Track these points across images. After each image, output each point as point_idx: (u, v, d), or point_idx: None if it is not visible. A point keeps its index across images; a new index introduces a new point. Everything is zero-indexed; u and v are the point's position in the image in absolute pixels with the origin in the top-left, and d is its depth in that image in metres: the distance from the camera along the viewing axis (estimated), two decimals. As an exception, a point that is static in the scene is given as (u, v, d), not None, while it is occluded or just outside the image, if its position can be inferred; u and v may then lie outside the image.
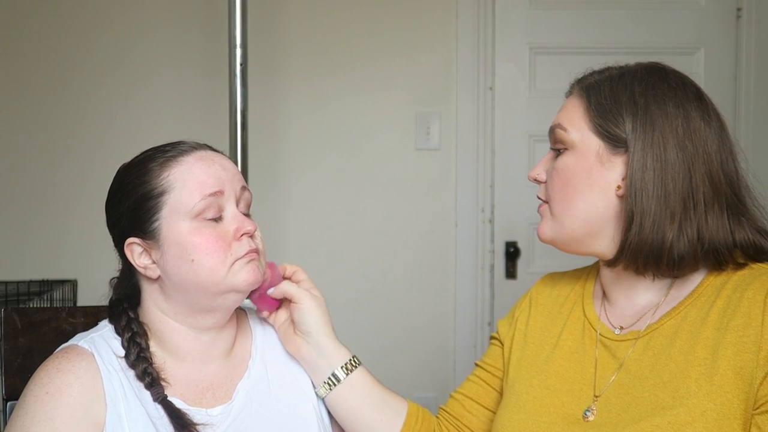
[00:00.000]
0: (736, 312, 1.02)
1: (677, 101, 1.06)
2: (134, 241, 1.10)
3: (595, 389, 1.09)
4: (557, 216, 1.12)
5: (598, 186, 1.08)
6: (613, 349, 1.10)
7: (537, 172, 1.18)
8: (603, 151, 1.08)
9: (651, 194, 1.04)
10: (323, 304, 1.20)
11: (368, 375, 1.21)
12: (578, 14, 2.77)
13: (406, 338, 2.72)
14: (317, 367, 1.19)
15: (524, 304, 1.27)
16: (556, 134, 1.14)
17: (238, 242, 1.09)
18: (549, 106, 2.73)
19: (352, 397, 1.18)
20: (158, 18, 2.68)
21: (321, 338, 1.18)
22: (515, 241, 2.78)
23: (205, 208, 1.08)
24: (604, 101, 1.09)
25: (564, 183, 1.11)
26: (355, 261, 2.75)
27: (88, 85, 2.66)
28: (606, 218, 1.09)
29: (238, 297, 1.11)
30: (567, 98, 1.17)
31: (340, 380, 1.18)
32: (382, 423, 1.19)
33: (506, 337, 1.25)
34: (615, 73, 1.12)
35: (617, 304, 1.14)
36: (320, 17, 2.72)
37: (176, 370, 1.12)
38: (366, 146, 2.75)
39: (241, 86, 1.80)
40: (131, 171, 1.12)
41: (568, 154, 1.11)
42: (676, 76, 1.10)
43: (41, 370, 1.07)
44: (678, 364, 1.02)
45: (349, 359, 1.19)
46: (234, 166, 1.15)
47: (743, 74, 2.76)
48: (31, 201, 2.65)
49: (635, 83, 1.08)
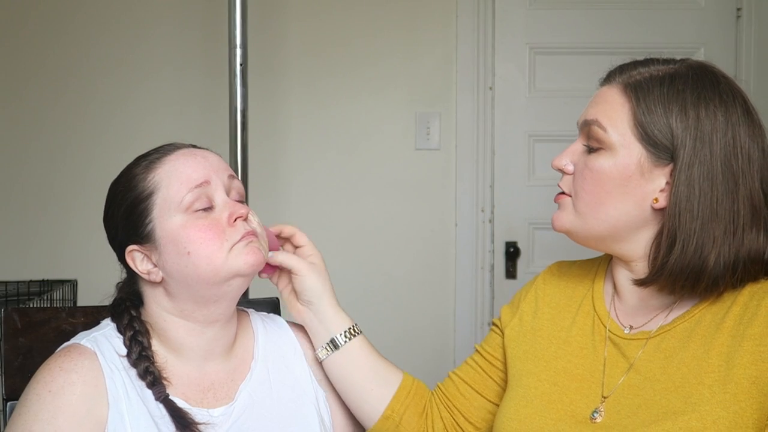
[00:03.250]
0: (754, 320, 1.00)
1: (727, 115, 1.01)
2: (133, 248, 1.10)
3: (603, 389, 1.07)
4: (582, 214, 1.08)
5: (633, 195, 1.04)
6: (622, 347, 1.09)
7: (564, 162, 1.11)
8: (645, 161, 1.03)
9: (696, 215, 1.00)
10: (323, 271, 1.22)
11: (366, 345, 1.23)
12: (578, 14, 2.77)
13: (406, 338, 2.72)
14: (318, 333, 1.22)
15: (530, 295, 1.24)
16: (592, 131, 1.06)
17: (233, 228, 1.09)
18: (549, 106, 2.77)
19: (347, 364, 1.21)
20: (158, 18, 2.68)
21: (322, 307, 1.21)
22: (515, 241, 2.78)
23: (193, 200, 1.08)
24: (653, 107, 1.02)
25: (596, 185, 1.05)
26: (355, 261, 2.75)
27: (88, 84, 2.65)
28: (635, 226, 1.05)
29: (243, 281, 1.11)
30: (601, 86, 1.10)
31: (338, 346, 1.21)
32: (372, 392, 1.22)
33: (507, 326, 1.23)
34: (662, 72, 1.05)
35: (628, 303, 1.12)
36: (320, 17, 2.72)
37: (178, 369, 1.12)
38: (366, 146, 2.75)
39: (241, 86, 1.80)
40: (119, 182, 1.13)
41: (605, 156, 1.05)
42: (726, 84, 1.04)
43: (44, 369, 1.07)
44: (691, 369, 1.01)
45: (349, 327, 1.22)
46: (218, 157, 1.15)
47: (743, 74, 2.76)
48: (31, 201, 2.65)
49: (687, 90, 1.02)
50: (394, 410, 1.22)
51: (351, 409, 1.24)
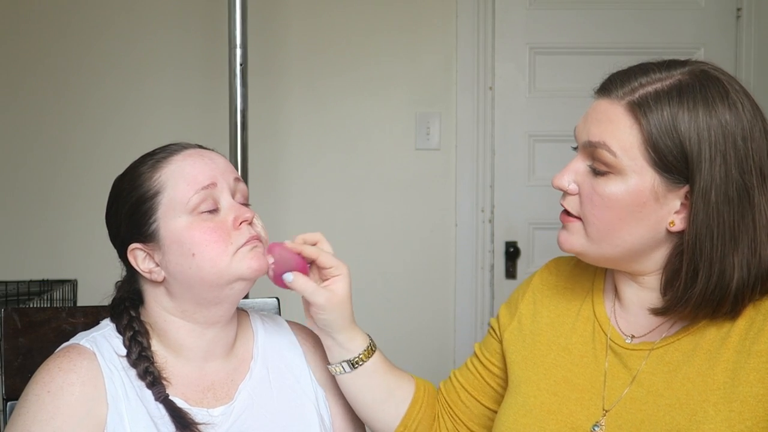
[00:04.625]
0: (760, 336, 0.97)
1: (742, 124, 0.97)
2: (136, 247, 1.10)
3: (604, 401, 1.05)
4: (595, 240, 1.03)
5: (648, 220, 0.99)
6: (624, 358, 1.06)
7: (566, 182, 1.04)
8: (659, 187, 0.98)
9: (716, 243, 0.96)
10: (344, 301, 1.14)
11: (379, 363, 1.20)
12: (578, 14, 2.77)
13: (406, 338, 2.72)
14: (332, 350, 1.18)
15: (528, 296, 1.21)
16: (598, 154, 1.00)
17: (238, 231, 1.09)
18: (549, 106, 2.77)
19: (361, 384, 1.19)
20: (158, 18, 2.68)
21: (335, 335, 1.17)
22: (515, 241, 2.78)
23: (199, 201, 1.08)
24: (664, 129, 0.96)
25: (608, 212, 1.00)
26: (355, 261, 2.72)
27: (88, 84, 2.65)
28: (650, 247, 1.02)
29: (245, 285, 1.10)
30: (599, 98, 1.03)
31: (353, 367, 1.18)
32: (385, 411, 1.21)
33: (506, 330, 1.21)
34: (667, 85, 0.99)
35: (630, 310, 1.09)
36: (320, 17, 2.72)
37: (178, 369, 1.12)
38: (366, 146, 2.75)
39: (241, 86, 1.80)
40: (124, 179, 1.12)
41: (615, 181, 0.99)
42: (736, 92, 0.99)
43: (43, 369, 1.07)
44: (695, 386, 0.98)
45: (365, 349, 1.18)
46: (225, 160, 1.15)
47: (743, 74, 2.75)
48: (31, 201, 2.65)
49: (698, 107, 0.96)
50: (406, 427, 1.22)
51: (363, 421, 1.24)
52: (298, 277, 1.12)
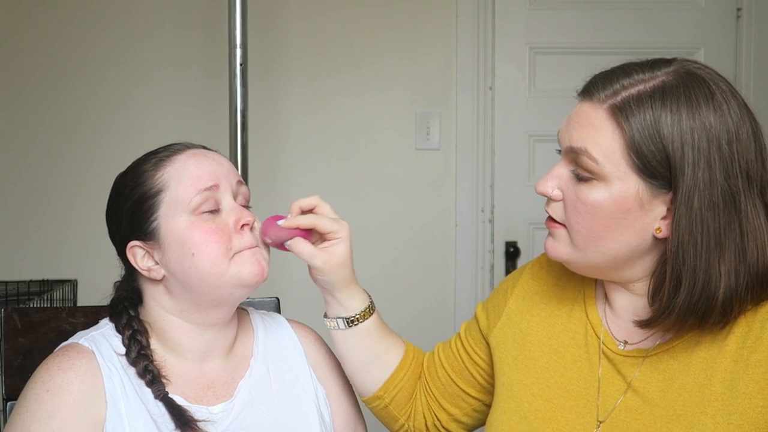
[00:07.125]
0: (758, 344, 0.94)
1: (727, 127, 0.94)
2: (136, 244, 1.10)
3: (599, 410, 1.03)
4: (580, 247, 1.00)
5: (633, 227, 0.97)
6: (618, 364, 1.04)
7: (549, 188, 1.02)
8: (644, 193, 0.95)
9: (700, 250, 0.93)
10: (344, 262, 1.16)
11: (374, 326, 1.22)
12: (578, 14, 2.77)
13: (406, 338, 2.71)
14: (330, 305, 1.20)
15: (518, 291, 1.19)
16: (581, 160, 0.98)
17: (239, 235, 1.09)
18: (549, 105, 2.77)
19: (353, 343, 1.21)
20: (158, 18, 2.68)
21: (335, 293, 1.18)
22: (515, 241, 2.78)
23: (201, 202, 1.08)
24: (647, 134, 0.93)
25: (592, 219, 0.98)
26: (355, 261, 2.74)
27: (88, 84, 2.65)
28: (637, 255, 0.99)
29: (245, 291, 1.11)
30: (581, 101, 1.01)
31: (340, 327, 1.19)
32: (369, 373, 1.23)
33: (495, 325, 1.19)
34: (650, 87, 0.95)
35: (622, 316, 1.06)
36: (320, 17, 2.72)
37: (177, 367, 1.12)
38: (366, 146, 2.75)
39: (241, 86, 1.80)
40: (126, 177, 1.13)
41: (599, 188, 0.97)
42: (722, 93, 0.96)
43: (42, 368, 1.07)
44: (693, 396, 0.96)
45: (364, 309, 1.20)
46: (228, 161, 1.15)
47: (743, 74, 2.76)
48: (31, 201, 2.65)
49: (682, 110, 0.93)
50: (386, 391, 1.23)
51: (348, 377, 1.25)
52: (297, 242, 1.13)
